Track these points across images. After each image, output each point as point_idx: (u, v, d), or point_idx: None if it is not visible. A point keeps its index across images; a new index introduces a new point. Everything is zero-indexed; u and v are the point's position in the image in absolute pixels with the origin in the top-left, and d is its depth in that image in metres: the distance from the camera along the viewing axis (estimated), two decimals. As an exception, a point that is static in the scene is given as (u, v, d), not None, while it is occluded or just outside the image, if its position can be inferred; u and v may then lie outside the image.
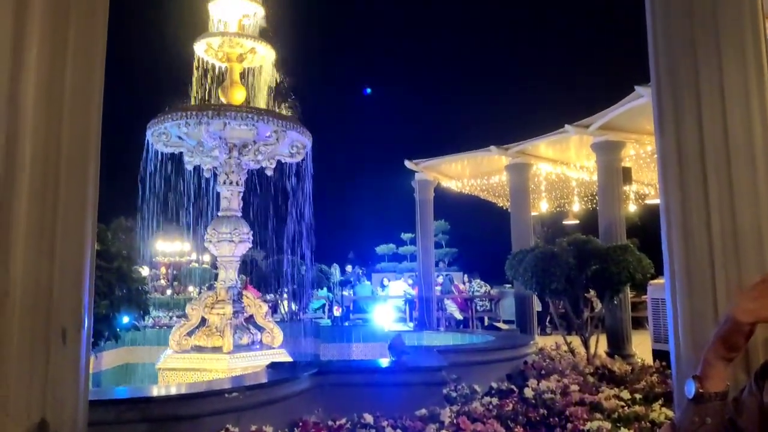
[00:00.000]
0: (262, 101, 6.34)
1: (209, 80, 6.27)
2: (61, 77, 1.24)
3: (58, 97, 1.23)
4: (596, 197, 12.07)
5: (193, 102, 6.07)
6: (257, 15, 6.25)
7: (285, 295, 13.77)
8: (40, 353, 1.27)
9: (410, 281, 17.24)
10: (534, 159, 12.46)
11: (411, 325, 13.62)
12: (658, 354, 7.18)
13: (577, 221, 17.36)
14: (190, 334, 6.08)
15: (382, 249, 28.13)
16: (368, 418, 3.83)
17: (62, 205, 1.24)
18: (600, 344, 7.46)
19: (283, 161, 6.46)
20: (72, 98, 1.26)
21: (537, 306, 12.61)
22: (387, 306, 14.81)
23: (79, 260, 1.31)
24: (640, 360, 7.55)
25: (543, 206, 17.16)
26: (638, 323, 12.13)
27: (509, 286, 14.20)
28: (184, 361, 5.81)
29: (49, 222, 1.23)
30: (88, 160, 1.31)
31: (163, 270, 24.18)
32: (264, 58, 6.29)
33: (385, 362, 5.05)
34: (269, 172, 6.33)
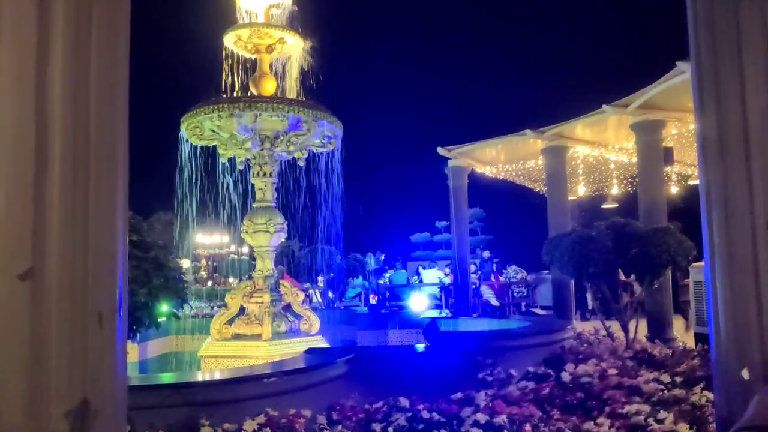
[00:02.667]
0: (292, 91, 6.39)
1: (240, 72, 6.35)
2: (85, 71, 1.28)
3: (84, 89, 1.28)
4: (636, 180, 11.82)
5: (224, 95, 6.16)
6: (285, 4, 6.29)
7: (321, 284, 13.96)
8: (77, 336, 1.32)
9: (446, 269, 17.23)
10: (571, 142, 12.26)
11: (447, 311, 13.62)
12: (700, 338, 7.02)
13: (616, 205, 17.01)
14: (230, 322, 6.23)
15: (416, 237, 28.13)
16: (404, 402, 3.86)
17: (93, 193, 1.29)
18: (640, 329, 7.32)
19: (315, 151, 6.52)
20: (97, 88, 1.30)
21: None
22: (422, 293, 14.83)
23: (112, 246, 1.36)
24: (681, 344, 7.39)
25: (581, 190, 16.91)
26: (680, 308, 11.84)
27: (547, 272, 14.05)
28: (225, 349, 5.97)
29: (81, 210, 1.28)
30: (117, 149, 1.35)
31: (203, 262, 24.73)
32: (293, 47, 6.33)
33: (420, 347, 5.08)
34: (301, 163, 6.41)
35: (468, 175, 14.30)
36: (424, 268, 18.00)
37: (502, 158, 14.18)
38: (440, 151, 13.98)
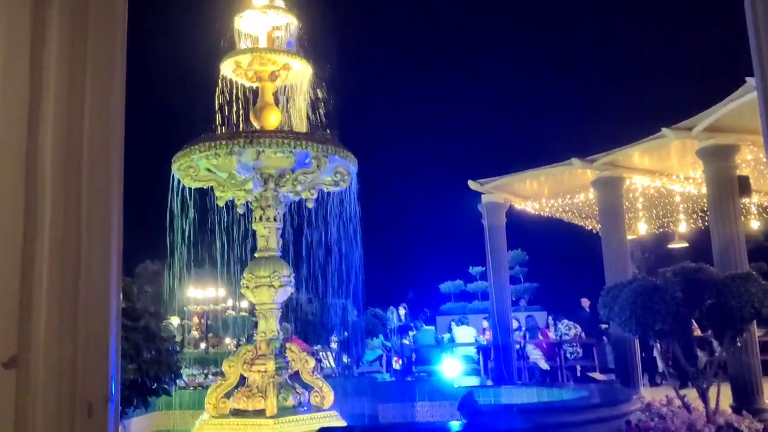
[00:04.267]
0: (299, 124, 6.53)
1: (240, 103, 6.51)
2: (79, 133, 1.36)
3: (77, 151, 1.36)
4: (707, 214, 11.71)
5: (221, 130, 6.31)
6: (290, 26, 6.48)
7: (334, 346, 13.88)
8: (64, 429, 1.36)
9: (485, 323, 17.08)
10: (626, 171, 12.22)
11: (486, 379, 13.44)
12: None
13: (685, 244, 16.84)
14: (228, 395, 6.22)
15: (447, 287, 27.95)
16: (437, 494, 3.81)
17: (84, 270, 1.35)
18: (723, 397, 7.15)
19: (325, 190, 6.61)
20: (90, 151, 1.38)
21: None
22: (455, 356, 14.66)
23: (104, 327, 1.41)
24: (774, 415, 7.20)
25: (641, 228, 16.75)
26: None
27: (605, 326, 13.85)
28: (223, 428, 5.95)
29: (71, 288, 1.34)
30: (111, 216, 1.42)
31: (195, 320, 24.87)
32: (299, 74, 6.49)
33: (455, 425, 5.02)
34: (310, 204, 6.48)
35: (506, 212, 14.27)
36: (457, 325, 17.84)
37: (545, 192, 14.17)
38: (472, 185, 14.02)
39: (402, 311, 18.76)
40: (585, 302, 16.07)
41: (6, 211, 1.30)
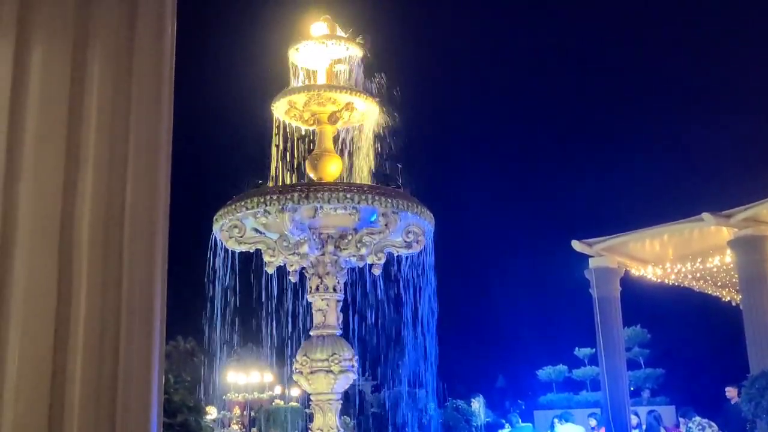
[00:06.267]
0: (363, 175, 6.62)
1: (294, 151, 6.67)
2: (120, 202, 1.46)
3: (117, 227, 1.46)
4: None
5: (272, 182, 6.46)
6: (353, 59, 6.64)
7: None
8: None
9: (593, 422, 16.62)
10: (773, 228, 11.91)
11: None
12: None
13: None
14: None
15: (547, 373, 27.34)
16: None
17: (123, 371, 1.43)
18: None
19: (395, 254, 6.64)
20: (131, 222, 1.48)
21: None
22: (559, 461, 14.27)
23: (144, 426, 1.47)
24: None
25: (796, 299, 16.15)
26: None
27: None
28: None
29: (106, 387, 1.41)
30: (153, 307, 1.50)
31: (236, 411, 25.01)
32: (364, 115, 6.61)
33: None
34: (377, 271, 6.50)
35: (620, 279, 14.06)
36: (561, 422, 17.39)
37: (669, 254, 13.92)
38: (577, 246, 13.90)
39: (475, 404, 18.33)
40: (731, 392, 15.40)
41: (37, 296, 1.40)
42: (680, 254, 13.90)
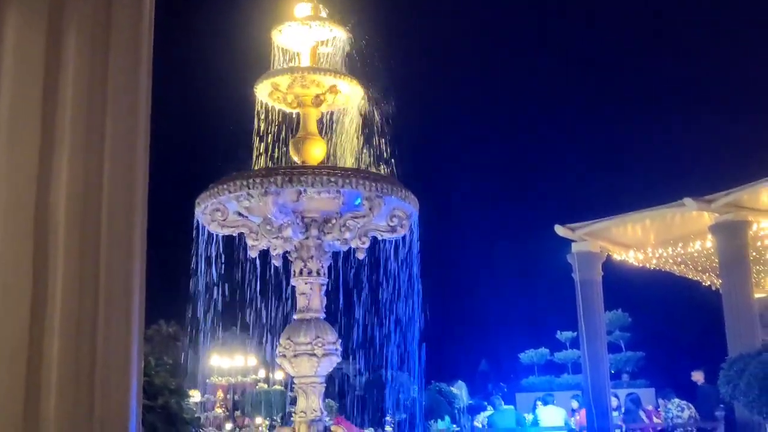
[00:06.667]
0: (347, 158, 6.60)
1: (277, 134, 6.63)
2: (98, 182, 1.43)
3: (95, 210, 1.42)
4: None
5: (255, 166, 6.43)
6: (338, 41, 6.60)
7: (389, 429, 13.78)
8: None
9: (574, 403, 16.77)
10: (753, 214, 12.01)
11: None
12: None
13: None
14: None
15: (529, 356, 27.53)
16: None
17: (101, 347, 1.40)
18: None
19: (379, 238, 6.63)
20: (109, 204, 1.45)
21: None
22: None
23: (123, 408, 1.45)
24: None
25: (774, 284, 16.35)
26: None
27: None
28: None
29: (85, 366, 1.39)
30: (132, 284, 1.47)
31: (219, 394, 25.01)
32: (349, 98, 6.58)
33: None
34: (361, 255, 6.49)
35: (602, 264, 14.14)
36: (543, 404, 17.53)
37: (651, 239, 14.02)
38: (560, 230, 13.95)
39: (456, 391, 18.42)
40: (696, 376, 15.56)
41: (12, 279, 1.37)
42: (662, 239, 14.01)
